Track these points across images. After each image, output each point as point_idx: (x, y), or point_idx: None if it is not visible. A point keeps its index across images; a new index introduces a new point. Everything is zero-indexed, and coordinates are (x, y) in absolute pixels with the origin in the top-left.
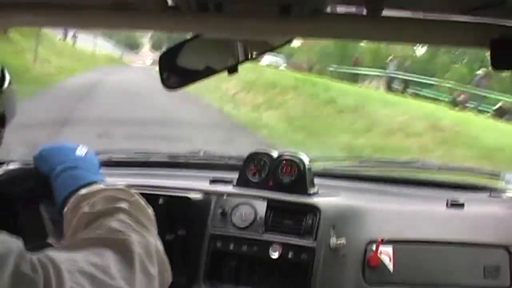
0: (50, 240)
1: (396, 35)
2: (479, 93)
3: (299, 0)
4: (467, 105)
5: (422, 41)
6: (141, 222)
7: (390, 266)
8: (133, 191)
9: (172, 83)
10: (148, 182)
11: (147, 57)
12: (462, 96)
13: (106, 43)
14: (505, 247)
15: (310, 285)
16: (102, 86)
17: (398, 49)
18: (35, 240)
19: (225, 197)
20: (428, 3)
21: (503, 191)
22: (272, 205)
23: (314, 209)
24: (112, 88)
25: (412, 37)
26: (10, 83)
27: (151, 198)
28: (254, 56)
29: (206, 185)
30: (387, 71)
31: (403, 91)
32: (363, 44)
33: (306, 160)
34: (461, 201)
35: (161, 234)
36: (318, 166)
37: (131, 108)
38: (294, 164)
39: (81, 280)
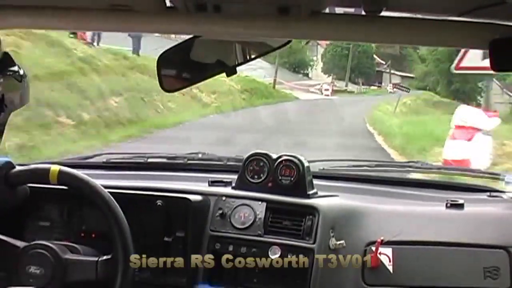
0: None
1: (395, 36)
2: None
3: (297, 1)
4: None
5: (421, 42)
6: None
7: (390, 267)
8: None
9: (171, 85)
10: (147, 184)
11: (322, 84)
12: None
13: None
14: (505, 248)
15: (310, 286)
16: None
17: None
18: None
19: (224, 199)
20: (427, 3)
21: (502, 191)
22: (271, 206)
23: (313, 211)
24: None
25: (411, 38)
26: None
27: (150, 200)
28: (253, 57)
29: (205, 187)
30: None
31: None
32: None
33: (304, 161)
34: (460, 202)
35: (160, 235)
36: (317, 167)
37: None
38: (293, 166)
39: None
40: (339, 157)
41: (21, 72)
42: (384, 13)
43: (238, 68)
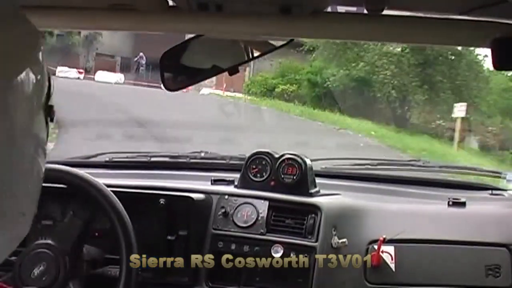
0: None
1: (397, 34)
2: None
3: (299, 0)
4: None
5: (423, 41)
6: None
7: (392, 266)
8: None
9: (173, 84)
10: (149, 183)
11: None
12: None
13: None
14: (506, 246)
15: (312, 285)
16: None
17: None
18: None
19: (226, 198)
20: (429, 2)
21: (504, 189)
22: (273, 205)
23: (315, 209)
24: None
25: (413, 37)
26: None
27: (152, 199)
28: (255, 56)
29: (207, 186)
30: None
31: None
32: None
33: (307, 160)
34: (462, 200)
35: (163, 234)
36: (319, 166)
37: None
38: (296, 164)
39: None
40: (341, 156)
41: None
42: (386, 12)
43: None
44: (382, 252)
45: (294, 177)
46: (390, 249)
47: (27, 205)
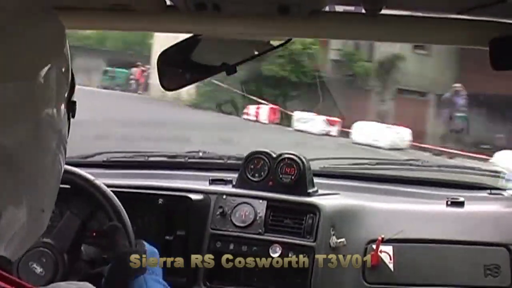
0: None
1: (395, 34)
2: None
3: (297, 0)
4: None
5: (420, 40)
6: None
7: (390, 265)
8: None
9: (171, 84)
10: (147, 183)
11: None
12: None
13: None
14: (505, 246)
15: (311, 285)
16: None
17: None
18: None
19: (224, 197)
20: (427, 1)
21: (503, 189)
22: (271, 205)
23: (313, 209)
24: None
25: (411, 36)
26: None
27: (151, 199)
28: (253, 56)
29: (205, 185)
30: None
31: None
32: None
33: (305, 160)
34: (461, 200)
35: (161, 234)
36: (317, 165)
37: None
38: (294, 164)
39: None
40: (339, 155)
41: None
42: (384, 11)
43: None
44: (381, 252)
45: (292, 177)
46: (389, 249)
47: (47, 201)
